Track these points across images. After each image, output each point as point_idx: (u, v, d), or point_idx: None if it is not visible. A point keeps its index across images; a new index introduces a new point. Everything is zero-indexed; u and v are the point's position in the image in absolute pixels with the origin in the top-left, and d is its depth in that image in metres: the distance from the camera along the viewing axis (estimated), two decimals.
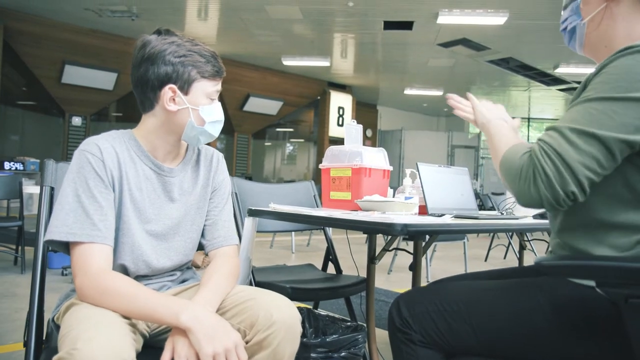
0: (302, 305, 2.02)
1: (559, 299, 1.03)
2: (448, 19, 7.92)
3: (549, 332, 1.02)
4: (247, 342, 1.09)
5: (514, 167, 1.00)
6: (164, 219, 1.27)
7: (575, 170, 0.92)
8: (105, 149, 1.18)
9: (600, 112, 0.94)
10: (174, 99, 1.21)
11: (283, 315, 1.11)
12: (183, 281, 1.37)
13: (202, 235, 1.37)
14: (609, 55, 1.01)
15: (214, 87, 1.26)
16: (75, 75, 9.71)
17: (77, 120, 10.27)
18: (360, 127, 2.01)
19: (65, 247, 1.14)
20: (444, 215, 1.60)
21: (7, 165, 9.18)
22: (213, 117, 1.26)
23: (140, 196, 1.23)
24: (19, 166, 9.14)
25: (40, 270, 1.26)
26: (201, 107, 1.23)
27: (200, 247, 1.39)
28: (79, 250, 1.11)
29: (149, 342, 1.19)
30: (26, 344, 1.17)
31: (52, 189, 1.36)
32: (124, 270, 1.23)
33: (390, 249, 1.95)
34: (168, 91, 1.20)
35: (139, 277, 1.26)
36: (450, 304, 1.13)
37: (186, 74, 1.20)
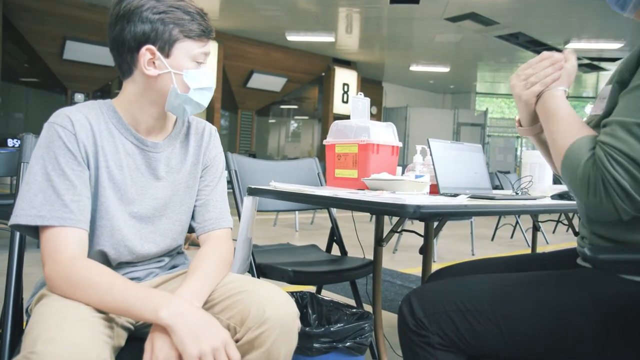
0: (305, 288, 1.92)
1: (602, 296, 0.91)
2: None
3: (591, 334, 0.90)
4: (237, 341, 0.98)
5: (578, 175, 0.86)
6: (149, 199, 1.15)
7: None
8: (78, 121, 1.05)
9: None
10: (153, 62, 1.07)
11: (278, 312, 0.99)
12: (173, 267, 1.26)
13: (192, 217, 1.25)
14: None
15: (201, 48, 1.10)
16: (77, 51, 9.59)
17: (79, 97, 10.16)
18: (368, 100, 1.88)
19: (34, 231, 1.02)
20: (457, 195, 1.48)
21: (10, 142, 9.14)
22: (199, 83, 1.11)
23: (120, 174, 1.10)
24: None
25: (17, 255, 1.15)
26: (185, 72, 1.09)
27: (191, 229, 1.27)
28: (48, 235, 0.99)
29: (136, 334, 1.08)
30: (1, 336, 1.06)
31: None
32: (104, 257, 1.11)
33: (399, 230, 1.84)
34: (146, 53, 1.06)
35: (122, 264, 1.14)
36: (472, 302, 0.99)
37: (167, 33, 1.06)
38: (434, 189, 1.66)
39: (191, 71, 1.09)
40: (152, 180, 1.15)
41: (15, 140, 9.20)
